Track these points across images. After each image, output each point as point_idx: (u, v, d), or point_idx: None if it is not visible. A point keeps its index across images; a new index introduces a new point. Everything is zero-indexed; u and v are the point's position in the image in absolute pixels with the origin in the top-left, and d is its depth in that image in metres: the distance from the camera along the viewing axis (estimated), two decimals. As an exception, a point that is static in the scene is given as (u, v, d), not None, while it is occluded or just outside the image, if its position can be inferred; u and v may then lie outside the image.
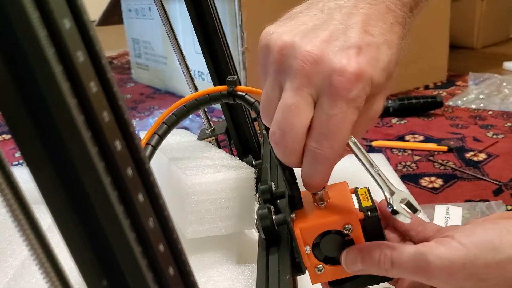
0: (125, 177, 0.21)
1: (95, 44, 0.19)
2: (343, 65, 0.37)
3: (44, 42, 0.16)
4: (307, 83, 0.38)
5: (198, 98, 0.54)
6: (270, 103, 0.41)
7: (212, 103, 0.55)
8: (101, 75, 0.20)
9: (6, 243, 0.59)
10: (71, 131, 0.18)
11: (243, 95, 0.53)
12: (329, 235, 0.42)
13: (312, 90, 0.38)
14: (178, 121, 0.54)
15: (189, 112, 0.55)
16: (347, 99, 0.37)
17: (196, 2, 0.62)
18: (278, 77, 0.40)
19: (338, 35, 0.38)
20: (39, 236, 0.20)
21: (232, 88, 0.53)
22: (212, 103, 0.55)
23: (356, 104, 0.37)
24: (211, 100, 0.54)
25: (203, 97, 0.54)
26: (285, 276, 0.41)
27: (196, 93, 0.55)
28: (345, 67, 0.36)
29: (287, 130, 0.39)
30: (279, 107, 0.39)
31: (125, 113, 0.21)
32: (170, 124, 0.53)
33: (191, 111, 0.55)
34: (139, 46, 1.69)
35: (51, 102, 0.17)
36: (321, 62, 0.37)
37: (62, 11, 0.18)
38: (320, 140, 0.38)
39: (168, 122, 0.53)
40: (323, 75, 0.37)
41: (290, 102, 0.38)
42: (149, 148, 0.50)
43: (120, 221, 0.20)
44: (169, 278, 0.25)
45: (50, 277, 0.21)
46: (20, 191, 0.19)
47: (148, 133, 0.52)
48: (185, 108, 0.54)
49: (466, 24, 1.88)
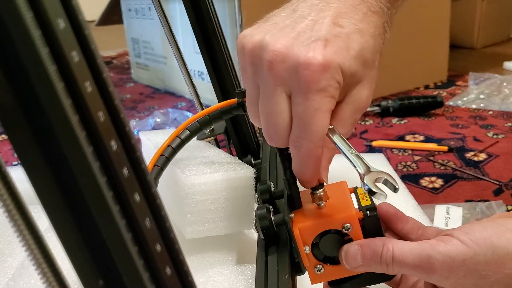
0: (121, 177, 0.21)
1: (90, 43, 0.19)
2: (308, 58, 0.37)
3: (38, 42, 0.16)
4: (279, 82, 0.39)
5: (210, 114, 0.56)
6: (252, 104, 0.42)
7: (224, 117, 0.57)
8: (97, 74, 0.20)
9: (6, 243, 0.59)
10: (66, 131, 0.17)
11: None
12: (328, 235, 0.41)
13: (285, 87, 0.39)
14: (191, 136, 0.56)
15: (202, 127, 0.57)
16: (317, 90, 0.38)
17: (195, 4, 0.62)
18: (254, 78, 0.41)
19: (306, 31, 0.39)
20: (36, 237, 0.20)
21: (241, 99, 0.54)
22: (224, 117, 0.57)
23: (328, 94, 0.38)
24: (222, 114, 0.56)
25: (215, 112, 0.56)
26: (284, 276, 0.41)
27: (208, 109, 0.57)
28: (310, 60, 0.37)
29: (272, 131, 0.40)
30: (260, 110, 0.41)
31: (121, 113, 0.21)
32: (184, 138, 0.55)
33: (204, 127, 0.57)
34: (139, 46, 1.69)
35: (46, 102, 0.17)
36: (287, 59, 0.38)
37: (56, 11, 0.17)
38: (299, 133, 0.39)
39: (182, 136, 0.55)
40: (291, 71, 0.38)
41: (269, 103, 0.40)
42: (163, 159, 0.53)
43: (116, 221, 0.20)
44: (166, 278, 0.25)
45: (47, 278, 0.21)
46: (16, 192, 0.19)
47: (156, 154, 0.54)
48: (198, 123, 0.56)
49: (466, 24, 1.88)
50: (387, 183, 0.38)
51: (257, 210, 0.45)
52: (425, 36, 1.43)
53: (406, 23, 1.35)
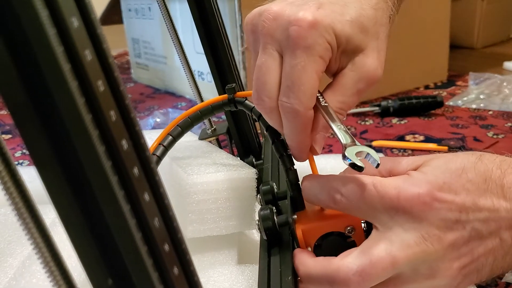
0: (131, 176, 0.21)
1: (103, 42, 0.19)
2: (299, 16, 0.38)
3: (53, 40, 0.16)
4: (270, 40, 0.40)
5: (202, 109, 0.56)
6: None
7: (215, 112, 0.56)
8: (108, 73, 0.20)
9: (6, 243, 0.59)
10: (79, 130, 0.17)
11: (243, 101, 0.53)
12: (331, 237, 0.41)
13: (276, 45, 0.40)
14: (183, 133, 0.56)
15: (194, 123, 0.56)
16: (304, 47, 0.38)
17: (199, 2, 0.62)
18: (254, 46, 0.42)
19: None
20: (44, 235, 0.20)
21: (232, 95, 0.53)
22: (215, 112, 0.56)
23: (315, 52, 0.39)
24: (213, 110, 0.56)
25: (206, 107, 0.56)
26: (287, 277, 0.41)
27: (199, 105, 0.56)
28: (300, 18, 0.38)
29: (260, 89, 0.41)
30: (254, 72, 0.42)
31: (132, 112, 0.21)
32: (175, 135, 0.55)
33: (196, 122, 0.56)
34: (139, 46, 1.68)
35: (60, 101, 0.17)
36: (279, 18, 0.39)
37: (70, 10, 0.18)
38: (287, 93, 0.39)
39: (173, 133, 0.55)
40: (282, 28, 0.39)
41: (259, 61, 0.40)
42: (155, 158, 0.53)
43: (127, 220, 0.20)
44: (174, 278, 0.25)
45: (54, 276, 0.21)
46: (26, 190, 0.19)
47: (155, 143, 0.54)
48: (189, 119, 0.56)
49: (467, 24, 1.88)
50: (369, 158, 0.38)
51: (260, 211, 0.45)
52: (425, 36, 1.44)
53: (406, 23, 1.35)
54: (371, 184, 0.38)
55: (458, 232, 0.36)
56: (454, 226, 0.36)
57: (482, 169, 0.38)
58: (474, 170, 0.38)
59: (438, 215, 0.36)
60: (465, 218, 0.36)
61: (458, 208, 0.36)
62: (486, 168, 0.38)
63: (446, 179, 0.37)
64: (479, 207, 0.36)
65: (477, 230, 0.36)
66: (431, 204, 0.36)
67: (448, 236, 0.36)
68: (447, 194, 0.36)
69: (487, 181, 0.37)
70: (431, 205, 0.36)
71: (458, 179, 0.37)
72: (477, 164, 0.38)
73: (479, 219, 0.36)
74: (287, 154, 0.45)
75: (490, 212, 0.37)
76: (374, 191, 0.37)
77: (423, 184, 0.37)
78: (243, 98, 0.53)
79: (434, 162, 0.39)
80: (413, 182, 0.37)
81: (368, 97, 1.33)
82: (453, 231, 0.36)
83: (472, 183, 0.37)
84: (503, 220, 0.37)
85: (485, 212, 0.36)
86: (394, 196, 0.37)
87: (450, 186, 0.37)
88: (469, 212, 0.36)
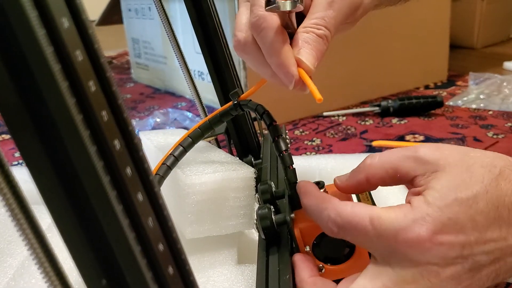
0: (124, 176, 0.21)
1: (94, 43, 0.19)
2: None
3: (43, 41, 0.16)
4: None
5: (211, 119, 0.56)
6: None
7: (224, 119, 0.57)
8: (100, 74, 0.20)
9: (6, 243, 0.59)
10: (70, 130, 0.17)
11: (247, 103, 0.53)
12: (329, 236, 0.41)
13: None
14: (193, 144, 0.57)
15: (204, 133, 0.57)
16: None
17: (196, 2, 0.62)
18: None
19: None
20: (38, 236, 0.20)
21: (236, 99, 0.54)
22: (224, 119, 0.57)
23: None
24: (222, 117, 0.56)
25: (214, 116, 0.56)
26: (285, 276, 0.41)
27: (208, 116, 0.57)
28: None
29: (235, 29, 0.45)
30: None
31: (124, 112, 0.21)
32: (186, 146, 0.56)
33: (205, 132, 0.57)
34: (139, 46, 1.68)
35: (50, 101, 0.17)
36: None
37: (60, 10, 0.18)
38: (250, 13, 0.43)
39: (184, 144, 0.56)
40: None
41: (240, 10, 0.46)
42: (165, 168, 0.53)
43: (119, 220, 0.20)
44: (169, 278, 0.25)
45: (49, 277, 0.21)
46: (19, 191, 0.19)
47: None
48: (200, 130, 0.57)
49: (466, 24, 1.88)
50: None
51: (258, 210, 0.45)
52: (425, 36, 1.43)
53: (406, 23, 1.35)
54: (368, 220, 0.36)
55: (459, 265, 0.34)
56: (455, 261, 0.34)
57: (495, 196, 0.35)
58: (486, 197, 0.35)
59: (438, 254, 0.34)
60: (468, 252, 0.34)
61: (460, 245, 0.34)
62: (501, 194, 0.35)
63: (452, 214, 0.34)
64: (486, 240, 0.34)
65: (479, 262, 0.34)
66: (431, 248, 0.34)
67: (447, 271, 0.34)
68: (450, 235, 0.34)
69: (499, 209, 0.35)
70: (431, 249, 0.34)
71: (467, 211, 0.34)
72: (492, 189, 0.35)
73: (483, 251, 0.34)
74: (287, 152, 0.45)
75: (497, 242, 0.34)
76: (370, 228, 0.36)
77: (424, 224, 0.34)
78: (247, 100, 0.53)
79: (444, 181, 0.36)
80: (415, 218, 0.35)
81: (368, 97, 1.33)
82: (453, 265, 0.34)
83: (482, 214, 0.34)
84: (510, 247, 0.35)
85: (491, 244, 0.34)
86: (391, 237, 0.35)
87: (456, 221, 0.34)
88: (473, 246, 0.34)
